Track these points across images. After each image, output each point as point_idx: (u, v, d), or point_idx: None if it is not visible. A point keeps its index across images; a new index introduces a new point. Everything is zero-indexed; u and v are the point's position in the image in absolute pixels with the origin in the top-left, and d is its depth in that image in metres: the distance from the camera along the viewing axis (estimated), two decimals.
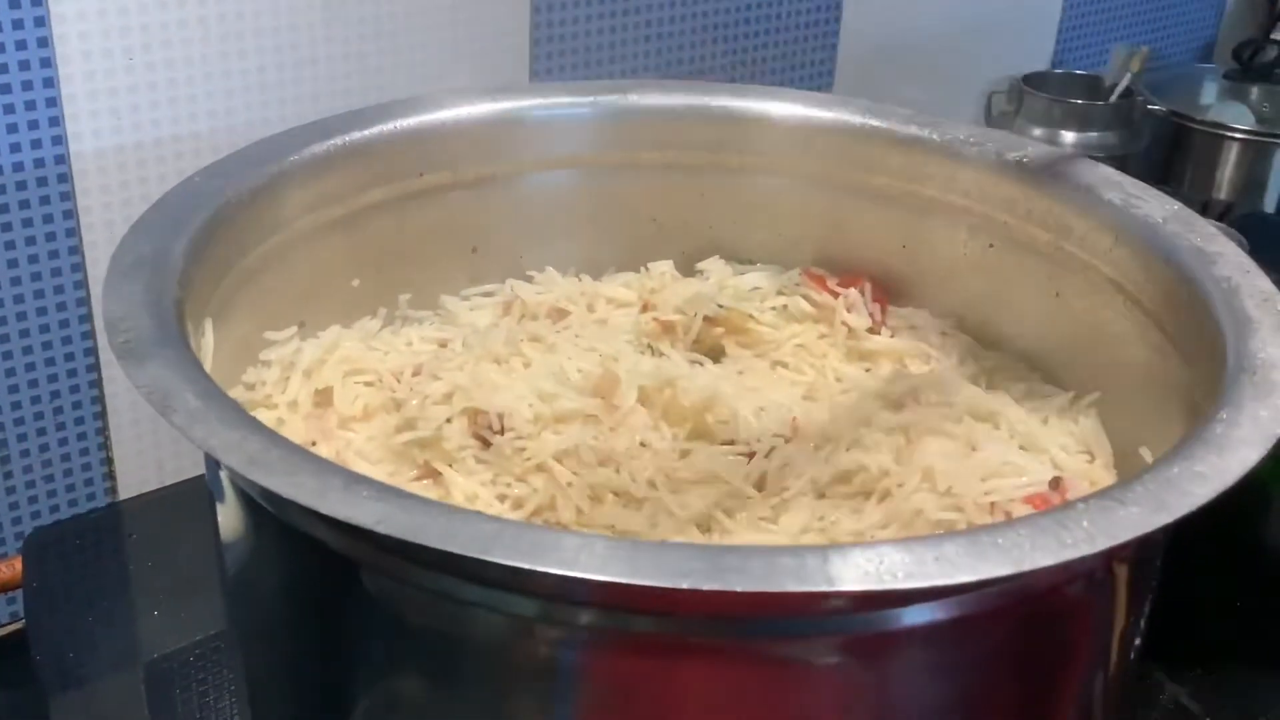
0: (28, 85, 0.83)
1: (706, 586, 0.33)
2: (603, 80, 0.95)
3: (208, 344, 0.50)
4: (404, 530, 0.34)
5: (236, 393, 0.58)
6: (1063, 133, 1.26)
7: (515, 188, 0.69)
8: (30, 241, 0.86)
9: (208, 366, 0.45)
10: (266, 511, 0.41)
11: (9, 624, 0.95)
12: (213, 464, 0.46)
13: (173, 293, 0.45)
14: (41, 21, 0.82)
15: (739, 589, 0.34)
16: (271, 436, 0.37)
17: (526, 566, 0.33)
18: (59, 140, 0.85)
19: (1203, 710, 0.70)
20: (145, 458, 0.98)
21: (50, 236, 0.87)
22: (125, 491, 0.97)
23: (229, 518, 0.46)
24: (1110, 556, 0.44)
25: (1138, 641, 0.50)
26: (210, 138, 0.91)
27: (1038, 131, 1.26)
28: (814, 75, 1.23)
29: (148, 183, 0.89)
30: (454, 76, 1.00)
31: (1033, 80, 1.31)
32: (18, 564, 0.87)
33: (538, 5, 1.03)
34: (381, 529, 0.34)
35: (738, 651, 0.39)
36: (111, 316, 0.44)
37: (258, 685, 0.51)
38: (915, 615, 0.40)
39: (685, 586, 0.33)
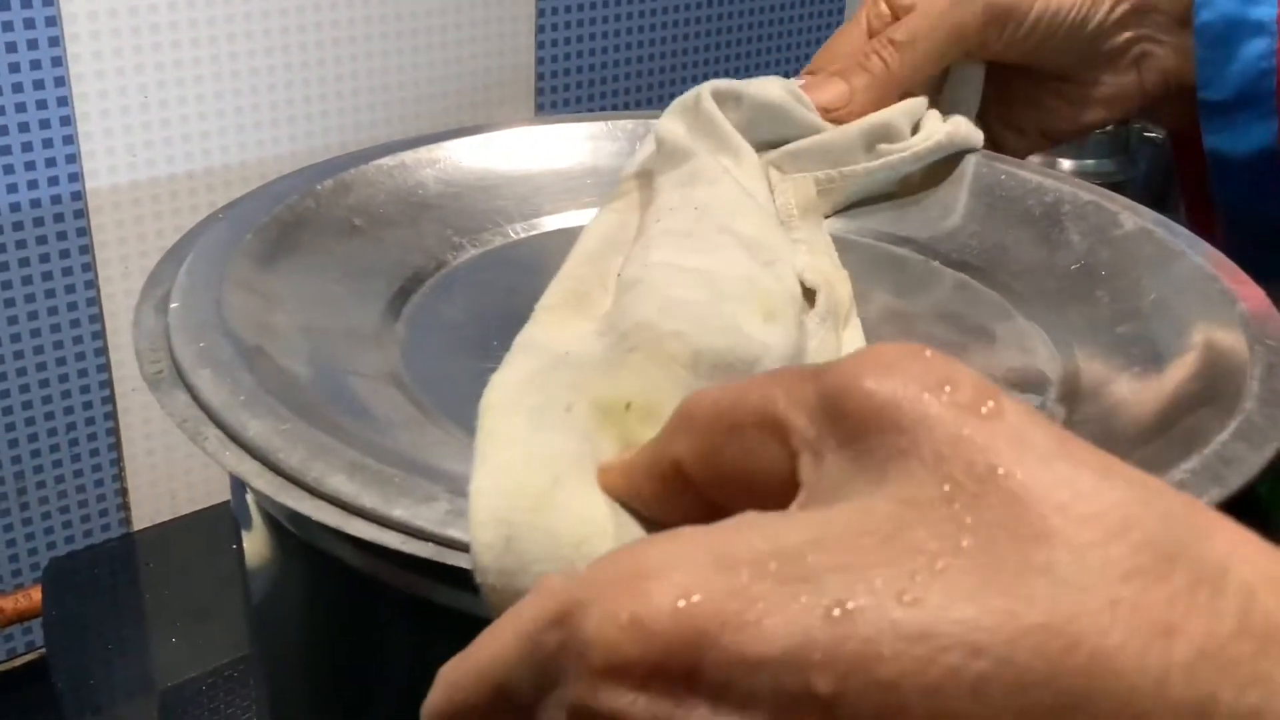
0: (45, 124, 0.84)
1: None
2: None
3: None
4: (427, 550, 0.35)
5: None
6: (1059, 160, 1.27)
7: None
8: (47, 277, 0.88)
9: None
10: (294, 536, 0.42)
11: (26, 653, 0.97)
12: (239, 491, 0.47)
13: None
14: (58, 61, 0.83)
15: None
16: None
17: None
18: (75, 178, 0.87)
19: None
20: (159, 488, 0.99)
21: (67, 271, 0.89)
22: (139, 522, 0.99)
23: (255, 544, 0.47)
24: None
25: None
26: (223, 174, 0.92)
27: (1035, 159, 1.27)
28: None
29: (162, 218, 0.91)
30: (460, 110, 1.02)
31: None
32: (36, 594, 0.89)
33: (541, 40, 1.05)
34: (407, 549, 0.35)
35: None
36: (141, 347, 0.45)
37: (282, 709, 0.51)
38: None
39: None
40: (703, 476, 0.29)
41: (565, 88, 1.08)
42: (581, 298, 0.49)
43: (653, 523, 0.32)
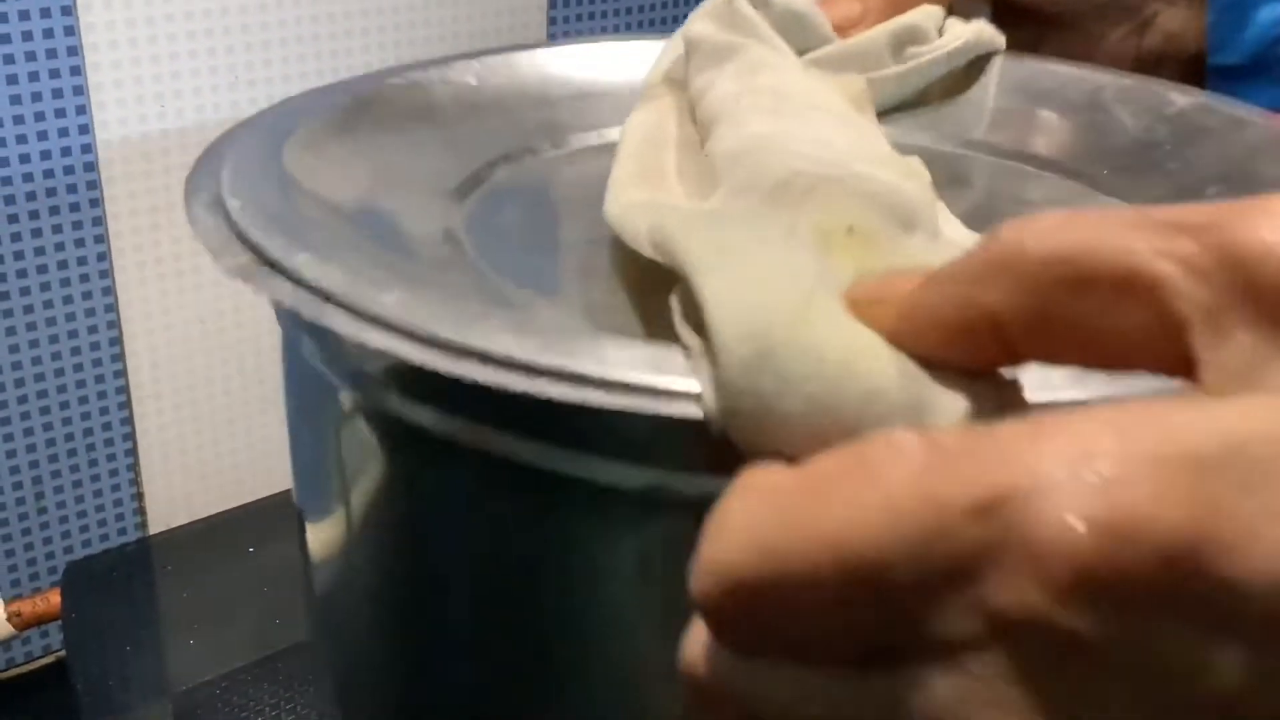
0: (55, 73, 0.84)
1: None
2: None
3: None
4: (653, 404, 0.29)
5: None
6: None
7: None
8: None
9: None
10: (429, 439, 0.36)
11: (43, 656, 0.98)
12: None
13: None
14: (68, 10, 0.83)
15: None
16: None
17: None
18: (85, 129, 0.87)
19: None
20: (175, 492, 1.00)
21: (78, 227, 0.88)
22: (155, 526, 1.00)
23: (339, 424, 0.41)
24: None
25: None
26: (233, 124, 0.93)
27: None
28: None
29: (171, 171, 0.91)
30: (471, 35, 1.04)
31: None
32: (53, 597, 0.89)
33: None
34: (634, 406, 0.29)
35: None
36: (213, 245, 0.39)
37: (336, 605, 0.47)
38: None
39: None
40: (1025, 332, 0.24)
41: (579, 2, 1.08)
42: (651, 180, 0.44)
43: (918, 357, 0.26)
